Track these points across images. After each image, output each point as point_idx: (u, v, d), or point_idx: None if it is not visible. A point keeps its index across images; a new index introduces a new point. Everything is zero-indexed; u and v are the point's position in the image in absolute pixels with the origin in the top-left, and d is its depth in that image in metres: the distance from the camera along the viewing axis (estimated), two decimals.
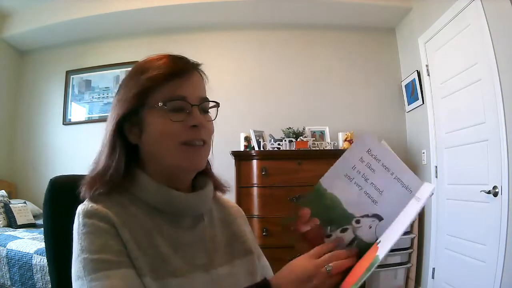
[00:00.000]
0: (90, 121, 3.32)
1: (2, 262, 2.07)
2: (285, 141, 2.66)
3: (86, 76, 3.37)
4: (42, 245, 2.05)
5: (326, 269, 0.53)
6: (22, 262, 2.00)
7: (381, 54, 3.19)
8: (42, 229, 0.78)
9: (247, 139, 2.72)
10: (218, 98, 0.68)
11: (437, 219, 2.52)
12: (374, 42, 3.21)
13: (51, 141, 3.36)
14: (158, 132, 0.61)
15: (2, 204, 2.68)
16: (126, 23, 3.13)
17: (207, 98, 0.66)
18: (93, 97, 3.35)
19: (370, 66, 3.17)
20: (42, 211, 0.75)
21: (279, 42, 3.20)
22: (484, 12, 1.96)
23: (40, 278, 1.94)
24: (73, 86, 3.39)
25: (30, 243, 2.09)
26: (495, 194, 1.89)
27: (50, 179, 0.73)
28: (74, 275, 0.54)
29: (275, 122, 2.91)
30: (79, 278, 0.53)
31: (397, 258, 2.59)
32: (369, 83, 3.15)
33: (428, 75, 2.65)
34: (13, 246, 2.09)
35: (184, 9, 2.93)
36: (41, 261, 1.95)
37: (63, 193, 0.71)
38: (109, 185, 0.60)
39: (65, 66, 3.39)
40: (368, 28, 3.17)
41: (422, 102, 2.74)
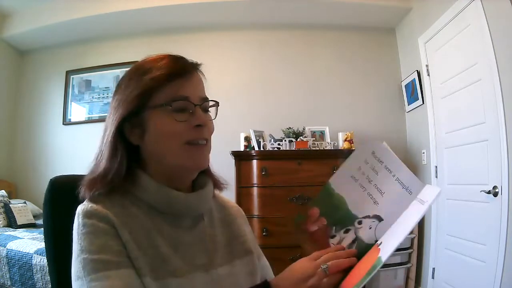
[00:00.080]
0: (90, 121, 3.32)
1: (2, 262, 2.06)
2: (285, 141, 2.66)
3: (86, 76, 3.37)
4: (42, 245, 2.04)
5: (322, 267, 0.54)
6: (22, 262, 2.00)
7: (381, 54, 3.19)
8: (42, 229, 0.78)
9: (247, 139, 2.72)
10: (218, 98, 0.69)
11: (437, 219, 2.52)
12: (374, 42, 3.21)
13: (51, 141, 3.36)
14: (162, 132, 0.61)
15: (2, 204, 2.68)
16: (126, 23, 3.13)
17: (208, 98, 0.66)
18: (93, 97, 3.35)
19: (370, 66, 3.17)
20: (42, 211, 0.75)
21: (279, 42, 3.20)
22: (484, 12, 1.96)
23: (40, 278, 1.94)
24: (73, 86, 3.39)
25: (30, 243, 2.09)
26: (495, 194, 1.89)
27: (50, 179, 0.73)
28: (74, 275, 0.54)
29: (275, 122, 2.91)
30: (79, 278, 0.53)
31: (397, 258, 2.59)
32: (369, 83, 3.14)
33: (428, 75, 2.65)
34: (13, 246, 2.09)
35: (184, 9, 2.93)
36: (41, 261, 1.95)
37: (63, 193, 0.70)
38: (109, 186, 0.60)
39: (65, 66, 3.39)
40: (368, 28, 3.17)
41: (422, 102, 2.74)
